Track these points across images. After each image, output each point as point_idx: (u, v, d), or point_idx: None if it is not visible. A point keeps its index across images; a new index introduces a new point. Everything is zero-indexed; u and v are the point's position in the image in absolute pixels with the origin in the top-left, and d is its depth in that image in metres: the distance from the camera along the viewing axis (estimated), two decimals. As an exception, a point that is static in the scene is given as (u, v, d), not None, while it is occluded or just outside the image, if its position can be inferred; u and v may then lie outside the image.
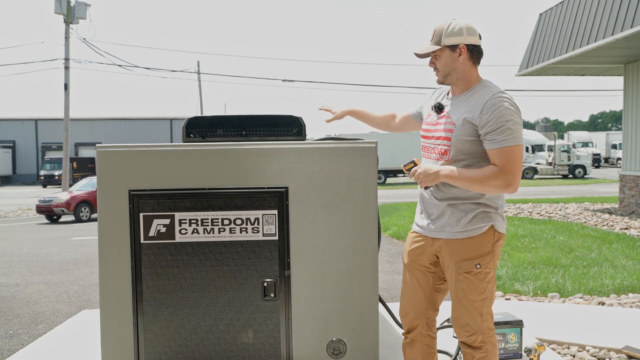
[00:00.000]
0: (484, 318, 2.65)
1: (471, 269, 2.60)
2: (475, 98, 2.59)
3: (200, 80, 39.84)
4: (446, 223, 2.65)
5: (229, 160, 3.19)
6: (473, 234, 2.60)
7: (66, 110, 23.09)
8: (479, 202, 2.61)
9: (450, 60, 2.61)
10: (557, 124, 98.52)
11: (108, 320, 3.17)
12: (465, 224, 2.60)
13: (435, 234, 2.70)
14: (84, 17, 23.30)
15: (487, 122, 2.49)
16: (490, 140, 2.50)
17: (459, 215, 2.62)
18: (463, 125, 2.57)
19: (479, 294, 2.62)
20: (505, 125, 2.47)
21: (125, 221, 3.15)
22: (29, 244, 11.44)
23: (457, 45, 2.59)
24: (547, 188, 25.53)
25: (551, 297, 5.89)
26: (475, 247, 2.60)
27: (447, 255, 2.66)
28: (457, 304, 2.67)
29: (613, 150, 46.73)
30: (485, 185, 2.51)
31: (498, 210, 2.65)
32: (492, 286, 2.66)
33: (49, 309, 6.08)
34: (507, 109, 2.49)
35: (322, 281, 3.21)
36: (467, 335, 2.67)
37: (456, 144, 2.59)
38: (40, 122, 45.51)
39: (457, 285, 2.64)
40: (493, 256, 2.63)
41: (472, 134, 2.56)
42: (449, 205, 2.64)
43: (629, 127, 13.77)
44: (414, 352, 2.84)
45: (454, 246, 2.63)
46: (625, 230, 10.44)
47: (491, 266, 2.63)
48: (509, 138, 2.47)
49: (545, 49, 13.99)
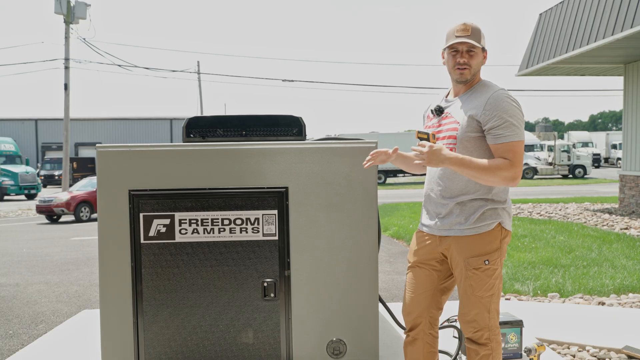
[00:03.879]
0: (491, 315, 2.68)
1: (480, 265, 2.63)
2: (477, 96, 2.63)
3: (200, 80, 39.83)
4: (455, 221, 2.67)
5: (229, 160, 3.19)
6: (482, 230, 2.63)
7: (66, 110, 23.09)
8: (487, 198, 2.64)
9: (481, 61, 2.68)
10: (557, 124, 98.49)
11: (108, 320, 3.17)
12: (474, 221, 2.63)
13: (443, 232, 2.72)
14: (84, 17, 23.30)
15: (492, 117, 2.54)
16: (495, 135, 2.55)
17: (467, 212, 2.65)
18: (468, 123, 2.60)
19: (487, 290, 2.66)
20: (509, 120, 2.53)
21: (125, 221, 3.15)
22: (29, 244, 11.44)
23: (485, 49, 2.69)
24: (547, 188, 25.54)
25: (551, 297, 5.89)
26: (484, 243, 2.63)
27: (455, 252, 2.69)
28: (466, 301, 2.69)
29: (613, 150, 46.69)
30: (494, 176, 2.52)
31: (505, 206, 2.68)
32: (499, 282, 2.70)
33: (49, 309, 6.08)
34: (511, 104, 2.55)
35: (322, 281, 3.21)
36: (473, 331, 2.69)
37: (462, 141, 2.62)
38: (40, 122, 45.51)
39: (465, 281, 2.67)
40: (500, 253, 2.67)
41: (477, 130, 2.60)
42: (458, 204, 2.66)
43: (629, 127, 13.77)
44: (416, 350, 2.85)
45: (463, 243, 2.66)
46: (625, 230, 10.44)
47: (499, 263, 2.67)
48: (513, 133, 2.54)
49: (545, 49, 13.99)
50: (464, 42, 2.61)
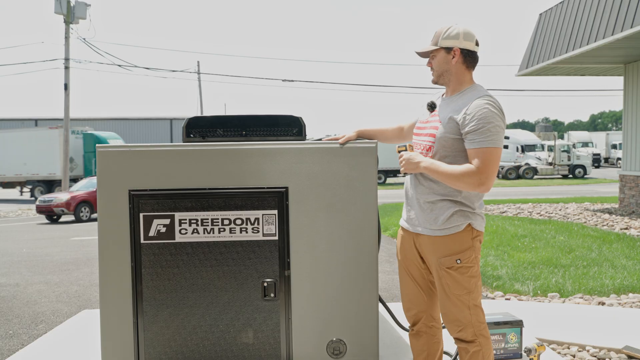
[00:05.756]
0: (472, 312, 2.73)
1: (452, 264, 2.69)
2: (462, 99, 2.70)
3: (200, 80, 39.84)
4: (426, 219, 2.76)
5: (229, 160, 3.19)
6: (451, 232, 2.70)
7: (66, 110, 23.08)
8: (455, 201, 2.70)
9: (444, 61, 2.74)
10: (557, 124, 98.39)
11: (108, 320, 3.17)
12: (443, 222, 2.70)
13: (417, 229, 2.81)
14: (84, 17, 23.28)
15: (470, 122, 2.60)
16: (470, 140, 2.61)
17: (437, 213, 2.72)
18: (448, 124, 2.68)
19: (464, 289, 2.71)
20: (486, 127, 2.57)
21: (125, 221, 3.15)
22: (29, 244, 11.44)
23: (452, 48, 2.71)
24: (547, 188, 25.53)
25: (551, 297, 5.89)
26: (454, 243, 2.70)
27: (427, 252, 2.78)
28: (445, 300, 2.76)
29: (613, 150, 46.66)
30: (459, 181, 2.61)
31: (475, 211, 2.74)
32: (476, 280, 2.75)
33: (49, 309, 6.08)
34: (491, 111, 2.59)
35: (322, 281, 3.22)
36: (457, 330, 2.75)
37: (440, 140, 2.70)
38: (40, 122, 45.46)
39: (440, 281, 2.74)
40: (473, 251, 2.72)
41: (455, 132, 2.67)
42: (429, 203, 2.75)
43: (629, 127, 13.77)
44: (420, 342, 2.98)
45: (434, 243, 2.74)
46: (625, 230, 10.44)
47: (473, 261, 2.72)
48: (487, 139, 2.57)
49: (545, 49, 13.99)
50: (416, 51, 2.80)
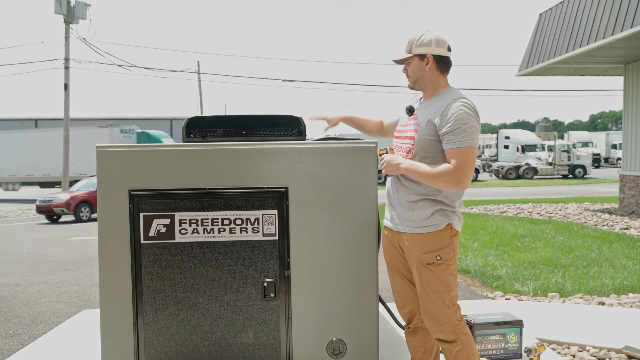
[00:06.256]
0: (452, 310, 2.80)
1: (432, 261, 2.77)
2: (439, 102, 2.80)
3: (200, 80, 39.84)
4: (407, 218, 2.84)
5: (229, 160, 3.19)
6: (432, 229, 2.78)
7: (66, 110, 23.08)
8: (436, 200, 2.79)
9: (419, 68, 2.84)
10: (557, 124, 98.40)
11: (108, 320, 3.17)
12: (423, 220, 2.78)
13: (399, 227, 2.89)
14: (84, 17, 23.28)
15: (446, 123, 2.70)
16: (447, 141, 2.71)
17: (418, 212, 2.80)
18: (426, 126, 2.78)
19: (444, 285, 2.79)
20: (461, 127, 2.67)
21: (125, 221, 3.15)
22: (29, 244, 11.44)
23: (425, 55, 2.81)
24: (547, 188, 25.53)
25: (551, 297, 5.89)
26: (434, 240, 2.78)
27: (408, 250, 2.85)
28: (425, 297, 2.82)
29: (613, 150, 46.65)
30: (438, 181, 2.71)
31: (455, 210, 2.83)
32: (455, 279, 2.84)
33: (49, 309, 6.08)
34: (466, 113, 2.70)
35: (322, 281, 3.22)
36: (439, 329, 2.80)
37: (419, 142, 2.80)
38: (40, 122, 45.47)
39: (421, 278, 2.81)
40: (452, 249, 2.81)
41: (433, 134, 2.76)
42: (410, 202, 2.83)
43: (629, 127, 13.76)
44: (417, 339, 3.03)
45: (415, 241, 2.81)
46: (625, 230, 10.43)
47: (452, 259, 2.81)
48: (463, 139, 2.67)
49: (545, 49, 13.98)
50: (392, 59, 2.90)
